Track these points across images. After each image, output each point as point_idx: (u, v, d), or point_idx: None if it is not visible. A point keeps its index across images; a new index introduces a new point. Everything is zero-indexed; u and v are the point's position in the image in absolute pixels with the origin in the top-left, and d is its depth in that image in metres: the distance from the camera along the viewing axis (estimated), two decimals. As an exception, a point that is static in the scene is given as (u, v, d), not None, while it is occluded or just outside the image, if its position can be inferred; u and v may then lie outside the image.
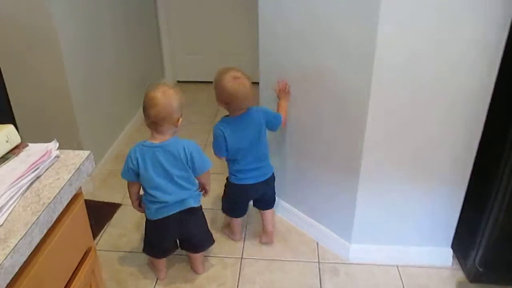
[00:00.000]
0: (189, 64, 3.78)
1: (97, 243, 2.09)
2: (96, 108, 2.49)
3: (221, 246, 2.05)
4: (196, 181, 1.72)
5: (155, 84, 1.61)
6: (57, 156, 0.99)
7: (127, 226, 2.20)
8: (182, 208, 1.66)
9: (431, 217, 1.83)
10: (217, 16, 3.56)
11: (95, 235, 2.13)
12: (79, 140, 2.29)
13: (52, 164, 0.97)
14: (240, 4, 3.40)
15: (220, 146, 1.80)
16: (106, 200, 2.37)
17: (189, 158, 1.60)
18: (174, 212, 1.64)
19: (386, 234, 1.89)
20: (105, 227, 2.19)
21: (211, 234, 1.86)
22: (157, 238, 1.74)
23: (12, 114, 2.24)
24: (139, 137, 1.74)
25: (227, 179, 1.94)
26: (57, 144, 1.01)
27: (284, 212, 2.21)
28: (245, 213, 2.04)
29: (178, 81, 3.83)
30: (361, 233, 1.90)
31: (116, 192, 2.43)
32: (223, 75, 1.72)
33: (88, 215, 2.26)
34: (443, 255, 1.91)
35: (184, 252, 1.91)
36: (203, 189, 1.78)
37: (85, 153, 1.00)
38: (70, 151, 1.01)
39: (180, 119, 1.61)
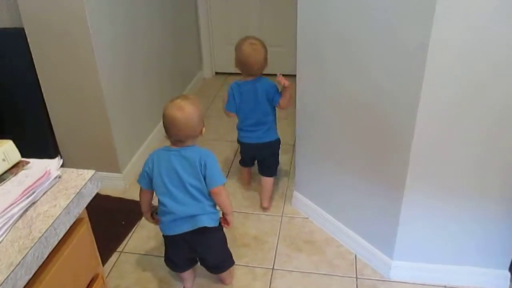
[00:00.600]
0: (228, 55, 3.65)
1: (125, 245, 2.03)
2: (130, 101, 2.42)
3: (252, 254, 1.94)
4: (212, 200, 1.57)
5: (172, 101, 1.51)
6: (58, 177, 0.89)
7: (156, 227, 2.12)
8: (194, 227, 1.52)
9: (485, 236, 1.63)
10: (258, 5, 3.39)
11: (123, 236, 2.08)
12: (110, 136, 2.23)
13: (52, 186, 0.87)
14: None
15: (230, 102, 2.04)
16: (137, 199, 2.30)
17: (203, 166, 1.49)
18: (185, 231, 1.53)
19: (432, 251, 1.71)
20: (135, 227, 2.13)
21: (230, 255, 1.73)
22: (172, 254, 1.67)
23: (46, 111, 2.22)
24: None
25: None
26: (61, 161, 0.91)
27: (321, 221, 2.06)
28: (250, 166, 2.29)
29: (217, 73, 3.71)
30: (404, 249, 1.72)
31: (147, 190, 2.37)
32: (242, 40, 1.99)
33: (118, 215, 2.21)
34: (498, 277, 1.70)
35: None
36: (224, 218, 1.62)
37: (89, 173, 0.90)
38: (73, 170, 0.91)
39: (203, 129, 1.54)
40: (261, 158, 2.20)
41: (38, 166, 0.91)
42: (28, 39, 2.06)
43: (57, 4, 1.93)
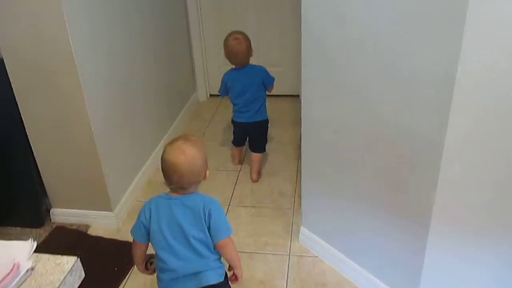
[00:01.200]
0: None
1: (119, 294, 1.85)
2: (121, 133, 2.25)
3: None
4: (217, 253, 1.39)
5: (172, 144, 1.34)
6: (31, 269, 0.70)
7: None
8: (198, 287, 1.34)
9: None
10: (254, 26, 3.25)
11: (116, 285, 1.89)
12: (100, 172, 2.05)
13: (22, 283, 0.69)
14: (280, 15, 3.06)
15: (222, 87, 2.44)
16: (131, 240, 2.12)
17: (207, 215, 1.32)
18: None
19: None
20: (129, 273, 1.94)
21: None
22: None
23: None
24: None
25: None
26: (34, 245, 0.73)
27: (334, 260, 1.88)
28: (242, 145, 2.60)
29: (211, 95, 3.56)
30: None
31: (142, 229, 2.18)
32: (228, 35, 2.34)
33: (111, 260, 2.02)
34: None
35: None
36: (233, 274, 1.44)
37: (69, 262, 0.72)
38: (49, 257, 0.73)
39: (207, 172, 1.37)
40: (252, 136, 2.49)
41: (3, 257, 0.72)
42: (8, 71, 1.89)
43: (39, 33, 1.77)
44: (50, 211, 2.23)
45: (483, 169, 1.30)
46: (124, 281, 1.90)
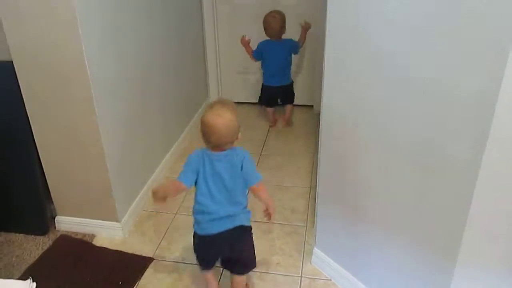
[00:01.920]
0: (235, 83, 3.44)
1: (122, 310, 1.77)
2: (130, 141, 2.18)
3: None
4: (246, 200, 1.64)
5: (212, 108, 1.53)
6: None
7: (160, 286, 1.87)
8: (233, 226, 1.59)
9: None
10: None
11: (120, 300, 1.81)
12: (108, 181, 1.98)
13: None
14: (293, 27, 2.99)
15: (257, 53, 2.93)
16: (137, 252, 2.05)
17: (243, 167, 1.55)
18: (225, 229, 1.59)
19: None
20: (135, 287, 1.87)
21: (255, 258, 1.72)
22: (205, 252, 1.69)
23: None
24: (180, 168, 1.59)
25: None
26: (34, 286, 0.65)
27: (348, 285, 1.79)
28: (273, 106, 3.11)
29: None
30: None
31: (148, 240, 2.11)
32: (267, 13, 2.85)
33: (115, 273, 1.95)
34: None
35: None
36: (266, 210, 1.63)
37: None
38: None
39: (240, 134, 1.57)
40: (282, 96, 3.06)
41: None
42: (17, 74, 1.83)
43: (50, 36, 1.71)
44: (55, 219, 2.17)
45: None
46: (128, 297, 1.83)
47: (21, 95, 1.87)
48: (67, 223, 2.15)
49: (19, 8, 1.68)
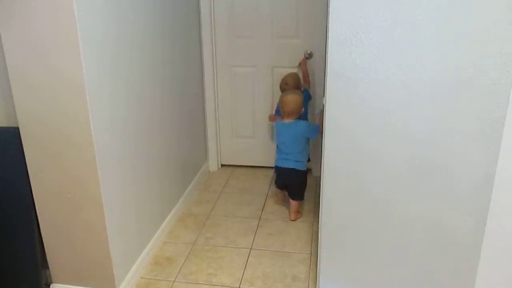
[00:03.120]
0: (234, 147, 3.49)
1: None
2: (130, 206, 2.17)
3: None
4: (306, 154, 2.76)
5: (287, 92, 2.71)
6: None
7: None
8: (293, 167, 2.67)
9: None
10: (268, 98, 3.29)
11: None
12: (107, 247, 1.95)
13: None
14: (292, 59, 3.12)
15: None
16: (134, 323, 1.98)
17: (305, 130, 2.67)
18: (288, 167, 2.68)
19: None
20: None
21: (304, 194, 2.81)
22: (278, 178, 2.83)
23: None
24: (181, 233, 1.51)
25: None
26: None
27: None
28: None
29: (222, 165, 3.52)
30: None
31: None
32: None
33: None
34: None
35: None
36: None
37: None
38: None
39: (303, 109, 2.69)
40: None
41: None
42: (22, 140, 1.86)
43: (57, 104, 1.76)
44: (50, 286, 2.11)
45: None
46: None
47: (25, 160, 1.88)
48: (62, 291, 2.09)
49: (29, 81, 1.74)
